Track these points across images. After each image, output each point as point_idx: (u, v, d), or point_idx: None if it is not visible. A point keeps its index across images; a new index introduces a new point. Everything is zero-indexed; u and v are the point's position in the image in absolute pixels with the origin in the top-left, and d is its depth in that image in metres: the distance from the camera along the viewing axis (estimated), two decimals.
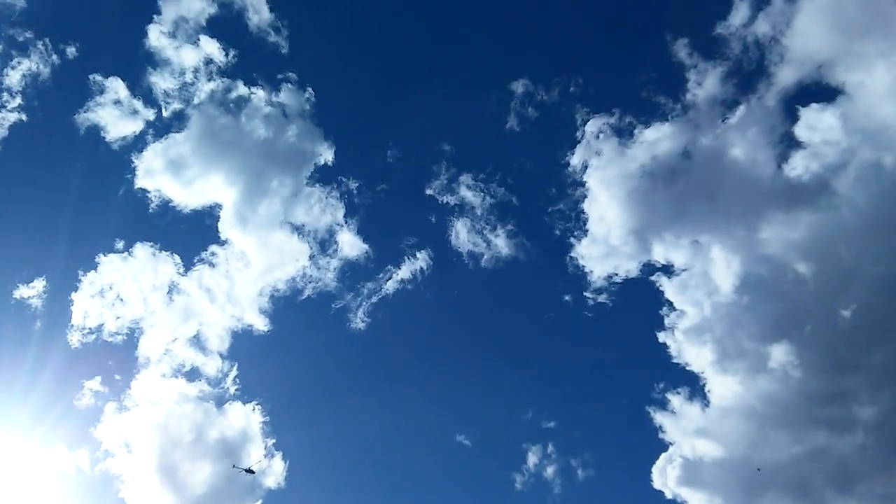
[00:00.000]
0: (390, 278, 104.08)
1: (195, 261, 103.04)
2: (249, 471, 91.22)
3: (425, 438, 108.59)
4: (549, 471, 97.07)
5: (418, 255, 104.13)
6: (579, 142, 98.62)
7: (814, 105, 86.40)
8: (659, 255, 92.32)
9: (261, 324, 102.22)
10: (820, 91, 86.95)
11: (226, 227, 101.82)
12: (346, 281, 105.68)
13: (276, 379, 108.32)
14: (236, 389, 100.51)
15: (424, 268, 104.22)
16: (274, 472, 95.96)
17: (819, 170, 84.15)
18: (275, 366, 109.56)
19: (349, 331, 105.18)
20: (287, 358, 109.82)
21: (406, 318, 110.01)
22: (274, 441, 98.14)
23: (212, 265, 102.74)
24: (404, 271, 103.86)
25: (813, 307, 79.68)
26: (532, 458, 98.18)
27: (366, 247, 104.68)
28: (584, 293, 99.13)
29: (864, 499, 73.80)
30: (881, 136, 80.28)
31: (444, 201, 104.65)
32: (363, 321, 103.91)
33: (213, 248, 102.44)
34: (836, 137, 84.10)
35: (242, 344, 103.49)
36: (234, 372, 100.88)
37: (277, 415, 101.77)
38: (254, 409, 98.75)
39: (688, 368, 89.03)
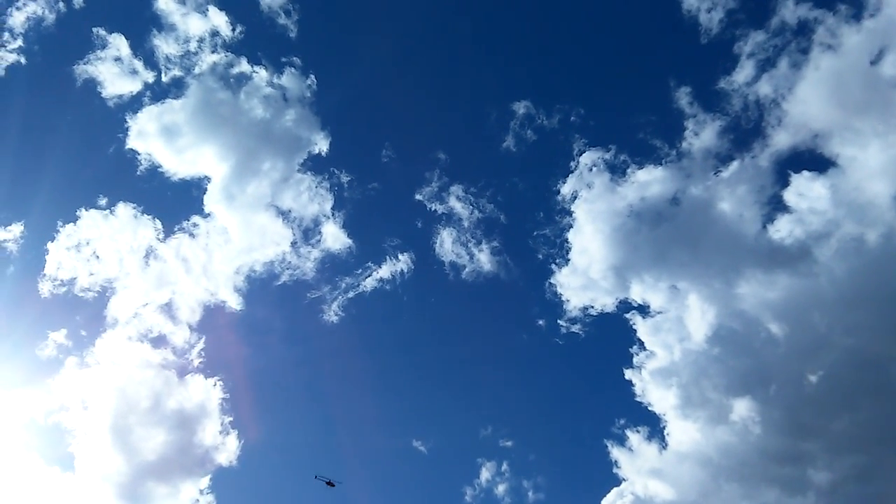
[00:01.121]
0: (369, 276, 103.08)
1: (176, 229, 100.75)
2: (330, 483, 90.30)
3: (381, 438, 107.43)
4: (501, 488, 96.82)
5: (401, 257, 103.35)
6: (572, 171, 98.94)
7: (805, 172, 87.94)
8: (636, 294, 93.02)
9: (234, 302, 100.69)
10: (813, 160, 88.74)
11: (211, 201, 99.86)
12: (325, 273, 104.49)
13: (242, 359, 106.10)
14: (200, 362, 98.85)
15: (405, 270, 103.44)
16: (227, 449, 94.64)
17: (802, 236, 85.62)
18: (242, 345, 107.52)
19: (321, 322, 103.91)
20: (255, 339, 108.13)
21: (380, 317, 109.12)
22: (231, 419, 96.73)
23: (192, 236, 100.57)
24: (384, 271, 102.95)
25: (780, 368, 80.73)
26: (485, 474, 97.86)
27: (349, 241, 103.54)
28: (559, 321, 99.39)
29: None
30: (867, 211, 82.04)
31: (433, 209, 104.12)
32: (336, 315, 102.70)
33: (196, 219, 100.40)
34: (823, 207, 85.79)
35: (212, 319, 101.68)
36: (200, 345, 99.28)
37: (238, 394, 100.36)
38: (215, 385, 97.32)
39: (650, 409, 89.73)
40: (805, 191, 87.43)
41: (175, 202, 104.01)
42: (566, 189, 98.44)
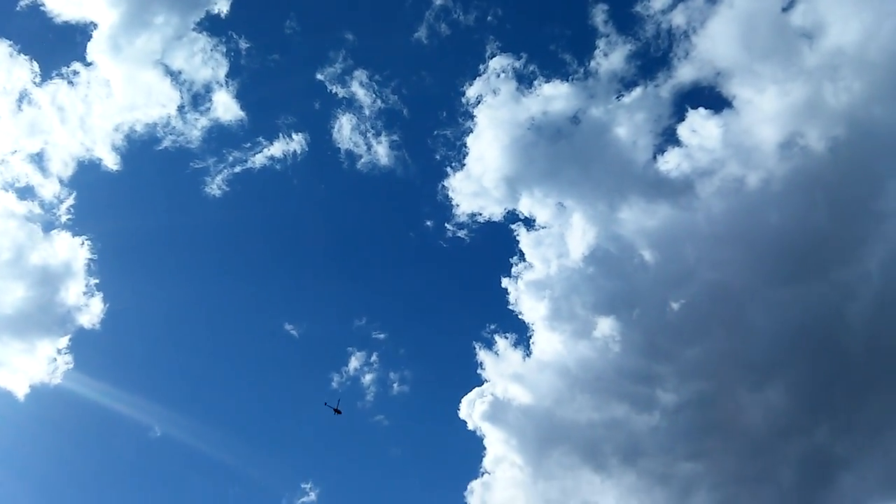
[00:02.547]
0: (259, 153, 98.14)
1: (54, 74, 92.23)
2: (337, 410, 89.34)
3: (253, 316, 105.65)
4: (368, 378, 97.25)
5: (294, 137, 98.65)
6: (480, 74, 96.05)
7: (702, 109, 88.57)
8: (524, 207, 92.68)
9: (110, 161, 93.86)
10: (712, 97, 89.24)
11: (95, 49, 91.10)
12: (212, 143, 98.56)
13: (114, 221, 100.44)
14: (68, 219, 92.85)
15: (298, 152, 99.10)
16: (90, 312, 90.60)
17: (688, 170, 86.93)
18: (115, 207, 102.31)
19: (202, 194, 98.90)
20: (130, 203, 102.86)
21: (266, 196, 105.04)
22: (97, 282, 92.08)
23: (71, 84, 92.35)
24: (276, 149, 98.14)
25: (646, 293, 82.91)
26: (354, 363, 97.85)
27: (241, 114, 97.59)
28: (446, 224, 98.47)
29: (643, 474, 79.32)
30: (752, 155, 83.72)
31: (334, 91, 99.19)
32: (220, 189, 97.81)
33: (77, 66, 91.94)
34: (712, 145, 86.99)
35: (86, 176, 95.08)
36: (70, 201, 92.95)
37: (106, 256, 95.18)
38: (82, 244, 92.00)
39: (520, 317, 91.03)
40: (698, 127, 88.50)
41: (56, 45, 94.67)
42: (472, 92, 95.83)
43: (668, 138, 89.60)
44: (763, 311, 79.60)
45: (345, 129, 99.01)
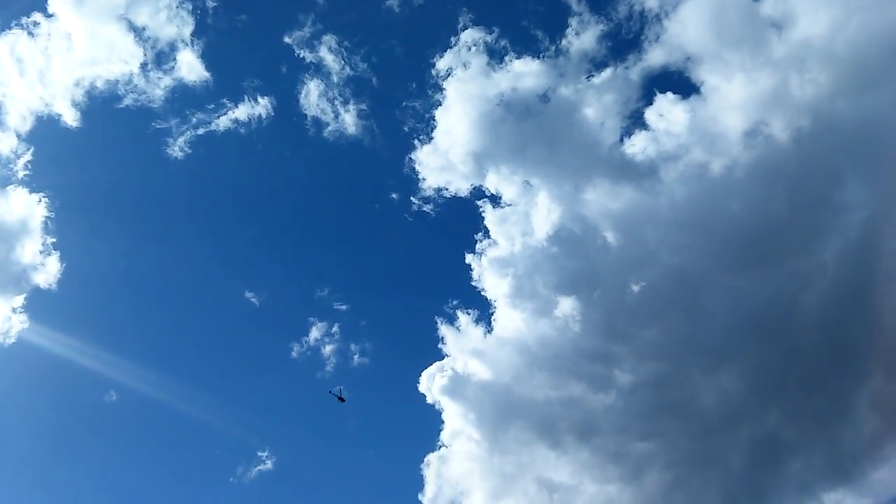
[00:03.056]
0: (224, 115, 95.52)
1: (13, 24, 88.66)
2: (341, 398, 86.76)
3: (213, 282, 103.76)
4: (328, 349, 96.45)
5: (260, 100, 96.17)
6: (451, 47, 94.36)
7: (669, 94, 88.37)
8: (491, 183, 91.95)
9: (70, 117, 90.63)
10: (680, 82, 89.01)
11: (57, 0, 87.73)
12: (175, 103, 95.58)
13: (73, 178, 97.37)
14: (25, 175, 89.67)
15: (263, 116, 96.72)
16: (47, 271, 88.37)
17: (653, 155, 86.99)
18: (74, 164, 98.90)
19: (163, 155, 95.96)
20: (89, 160, 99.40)
21: (229, 160, 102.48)
22: (54, 241, 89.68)
23: (31, 35, 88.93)
24: (241, 112, 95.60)
25: (608, 274, 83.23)
26: (315, 333, 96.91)
27: (206, 74, 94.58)
28: (412, 197, 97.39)
29: (597, 452, 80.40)
30: (717, 142, 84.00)
31: (302, 55, 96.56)
32: (182, 150, 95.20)
33: (38, 17, 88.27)
34: (678, 131, 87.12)
35: (45, 131, 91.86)
36: (28, 157, 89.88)
37: (64, 215, 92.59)
38: (39, 202, 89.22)
39: (483, 294, 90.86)
40: (665, 112, 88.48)
41: None
42: (442, 64, 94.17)
43: (636, 121, 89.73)
44: (720, 296, 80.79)
45: (312, 96, 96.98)
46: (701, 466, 79.14)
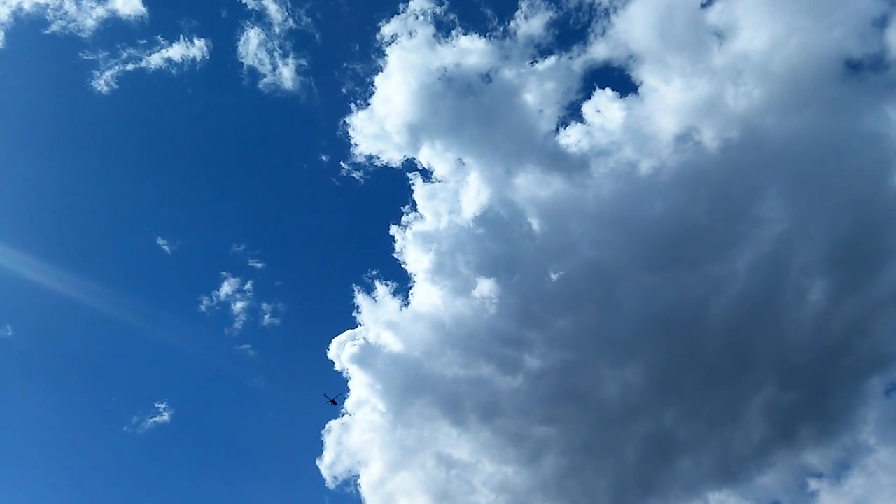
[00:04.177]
0: (156, 53, 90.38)
1: None
2: (333, 402, 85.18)
3: (125, 225, 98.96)
4: (238, 306, 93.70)
5: (196, 42, 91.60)
6: (399, 13, 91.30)
7: (608, 90, 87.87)
8: (424, 157, 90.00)
9: None
10: (620, 80, 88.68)
11: None
12: (107, 35, 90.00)
13: None
14: None
15: (198, 59, 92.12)
16: None
17: (586, 149, 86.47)
18: None
19: (88, 88, 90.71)
20: (9, 83, 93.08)
21: (157, 101, 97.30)
22: None
23: None
24: (175, 52, 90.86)
25: (529, 261, 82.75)
26: (226, 288, 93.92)
27: (142, 9, 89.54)
28: (342, 162, 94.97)
29: (499, 432, 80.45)
30: (648, 142, 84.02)
31: (245, 1, 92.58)
32: (108, 85, 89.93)
33: None
34: (612, 127, 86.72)
35: None
36: None
37: None
38: None
39: (403, 267, 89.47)
40: (602, 108, 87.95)
41: None
42: (388, 29, 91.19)
43: (573, 113, 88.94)
44: (633, 293, 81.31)
45: (251, 44, 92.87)
46: (596, 455, 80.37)
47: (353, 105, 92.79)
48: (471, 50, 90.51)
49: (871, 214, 73.89)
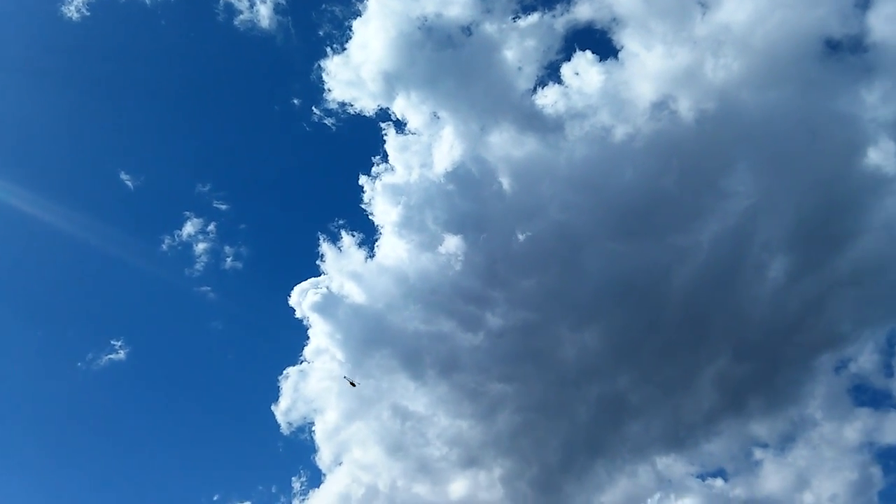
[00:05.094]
0: None
1: None
2: (353, 383, 80.00)
3: (87, 157, 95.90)
4: (200, 247, 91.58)
5: None
6: None
7: (589, 53, 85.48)
8: (398, 108, 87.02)
9: None
10: (602, 42, 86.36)
11: None
12: None
13: None
14: None
15: None
16: None
17: (562, 111, 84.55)
18: None
19: (57, 13, 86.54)
20: None
21: (127, 30, 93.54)
22: None
23: None
24: None
25: (497, 220, 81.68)
26: (189, 228, 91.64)
27: None
28: (314, 107, 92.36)
29: (456, 388, 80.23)
30: (625, 108, 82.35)
31: None
32: (79, 12, 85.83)
33: None
34: (590, 91, 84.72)
35: None
36: None
37: None
38: None
39: (371, 218, 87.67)
40: (581, 70, 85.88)
41: None
42: None
43: (552, 74, 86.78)
44: (598, 258, 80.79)
45: None
46: (550, 414, 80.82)
47: (328, 49, 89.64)
48: (453, 0, 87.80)
49: (837, 195, 74.21)
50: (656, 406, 79.70)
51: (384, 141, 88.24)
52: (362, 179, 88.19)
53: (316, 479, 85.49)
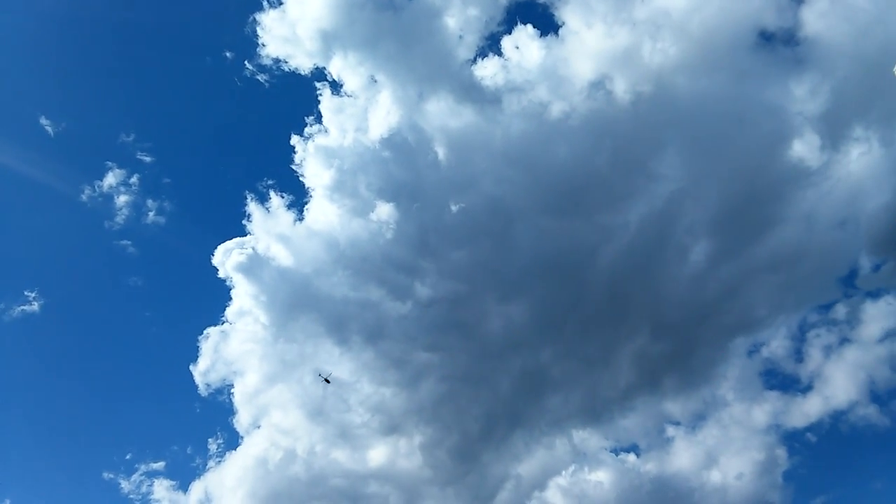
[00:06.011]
0: None
1: None
2: (326, 380, 77.81)
3: (6, 101, 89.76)
4: (122, 199, 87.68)
5: None
6: None
7: (530, 27, 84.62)
8: (335, 68, 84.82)
9: None
10: (544, 18, 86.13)
11: None
12: None
13: None
14: None
15: None
16: None
17: (501, 83, 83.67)
18: None
19: None
20: None
21: None
22: None
23: None
24: None
25: (431, 190, 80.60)
26: (111, 179, 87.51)
27: None
28: (247, 62, 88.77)
29: (381, 355, 79.41)
30: (563, 85, 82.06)
31: None
32: None
33: None
34: (528, 66, 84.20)
35: None
36: None
37: None
38: None
39: (301, 180, 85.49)
40: (522, 45, 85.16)
41: None
42: None
43: (492, 45, 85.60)
44: (528, 234, 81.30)
45: None
46: (473, 385, 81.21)
47: (265, 2, 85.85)
48: None
49: (761, 184, 76.09)
50: (576, 381, 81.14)
51: (319, 101, 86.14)
52: (294, 139, 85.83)
53: (233, 441, 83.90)
